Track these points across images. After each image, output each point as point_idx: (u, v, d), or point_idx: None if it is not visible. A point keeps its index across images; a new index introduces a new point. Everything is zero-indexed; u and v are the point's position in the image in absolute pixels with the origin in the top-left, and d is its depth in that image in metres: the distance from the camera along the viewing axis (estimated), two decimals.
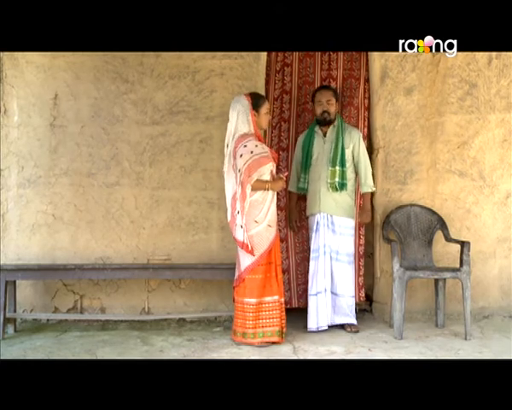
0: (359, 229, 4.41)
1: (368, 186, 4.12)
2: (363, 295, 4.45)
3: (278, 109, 4.53)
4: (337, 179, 4.01)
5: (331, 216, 4.06)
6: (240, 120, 3.69)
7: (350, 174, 4.09)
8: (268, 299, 3.66)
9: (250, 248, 3.60)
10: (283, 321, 3.72)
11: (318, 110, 4.11)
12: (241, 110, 3.69)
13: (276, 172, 3.87)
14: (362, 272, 4.43)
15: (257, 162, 3.62)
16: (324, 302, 4.00)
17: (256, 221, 3.64)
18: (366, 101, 4.54)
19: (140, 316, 4.32)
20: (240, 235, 3.62)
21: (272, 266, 3.69)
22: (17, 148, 4.34)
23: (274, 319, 3.65)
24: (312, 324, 3.99)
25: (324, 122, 4.12)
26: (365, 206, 4.19)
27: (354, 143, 4.09)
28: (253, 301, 3.63)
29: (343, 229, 4.06)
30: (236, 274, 3.75)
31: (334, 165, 4.02)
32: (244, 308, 3.65)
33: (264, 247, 3.65)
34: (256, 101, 3.72)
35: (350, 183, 4.10)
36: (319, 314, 3.98)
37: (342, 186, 4.03)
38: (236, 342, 3.68)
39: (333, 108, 4.09)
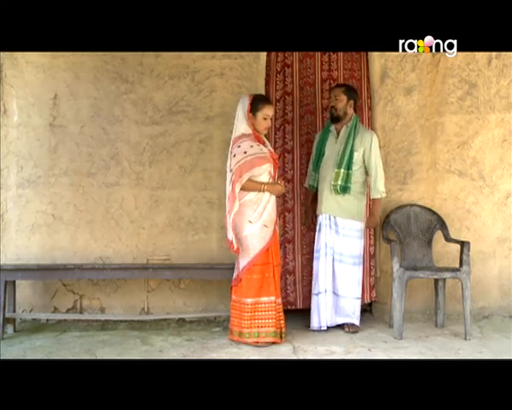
0: (369, 229, 4.39)
1: (377, 191, 4.03)
2: (375, 295, 4.43)
3: (281, 111, 4.51)
4: (339, 182, 3.96)
5: (334, 217, 4.03)
6: (239, 119, 3.71)
7: (358, 177, 4.03)
8: (264, 299, 3.66)
9: (235, 248, 3.63)
10: (281, 322, 3.72)
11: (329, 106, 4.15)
12: (241, 110, 3.71)
13: (279, 177, 3.88)
14: (372, 273, 4.42)
15: (249, 163, 3.61)
16: (324, 303, 4.00)
17: (250, 221, 3.65)
18: (369, 101, 4.53)
19: (139, 316, 4.32)
20: (229, 234, 3.65)
21: (270, 267, 3.69)
22: (16, 148, 4.34)
23: (269, 320, 3.64)
24: (314, 323, 4.00)
25: (332, 118, 4.11)
26: (372, 211, 4.11)
27: (365, 146, 4.00)
28: (250, 300, 3.63)
29: (347, 231, 4.01)
30: (235, 274, 3.76)
31: (339, 167, 3.97)
32: (241, 308, 3.66)
33: (260, 247, 3.65)
34: (256, 104, 3.71)
35: (357, 185, 4.03)
36: (320, 314, 3.99)
37: (345, 189, 3.97)
38: (235, 342, 3.68)
39: (340, 104, 4.04)
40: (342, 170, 3.97)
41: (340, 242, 4.02)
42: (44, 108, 4.35)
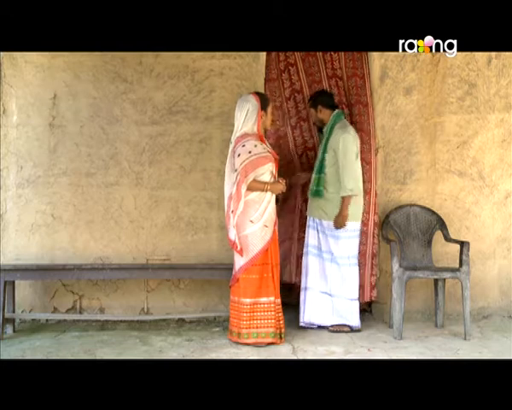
0: (374, 228, 4.34)
1: (343, 190, 3.92)
2: (376, 294, 4.41)
3: (294, 109, 4.54)
4: (310, 186, 4.07)
5: (319, 219, 4.07)
6: (247, 119, 3.69)
7: (337, 177, 3.96)
8: (263, 300, 3.66)
9: (239, 249, 3.63)
10: (280, 322, 3.72)
11: None
12: (251, 109, 3.70)
13: (281, 176, 3.89)
14: (375, 272, 4.38)
15: (254, 163, 3.62)
16: (303, 300, 4.06)
17: (251, 221, 3.65)
18: (370, 99, 4.51)
19: (139, 316, 4.32)
20: (231, 234, 3.65)
21: (269, 267, 3.69)
22: (16, 147, 4.34)
23: (269, 321, 3.64)
24: (300, 318, 4.08)
25: (320, 131, 4.23)
26: (340, 210, 3.97)
27: (334, 146, 3.96)
28: (248, 301, 3.63)
29: (334, 232, 4.00)
30: (232, 273, 3.76)
31: (313, 171, 4.09)
32: (239, 308, 3.66)
33: (259, 247, 3.65)
34: (264, 101, 3.76)
35: (337, 187, 3.97)
36: (300, 311, 4.07)
37: (316, 193, 4.00)
38: (234, 342, 3.68)
39: (314, 118, 4.19)
40: (314, 174, 4.06)
41: (328, 242, 4.03)
42: (44, 107, 4.35)
